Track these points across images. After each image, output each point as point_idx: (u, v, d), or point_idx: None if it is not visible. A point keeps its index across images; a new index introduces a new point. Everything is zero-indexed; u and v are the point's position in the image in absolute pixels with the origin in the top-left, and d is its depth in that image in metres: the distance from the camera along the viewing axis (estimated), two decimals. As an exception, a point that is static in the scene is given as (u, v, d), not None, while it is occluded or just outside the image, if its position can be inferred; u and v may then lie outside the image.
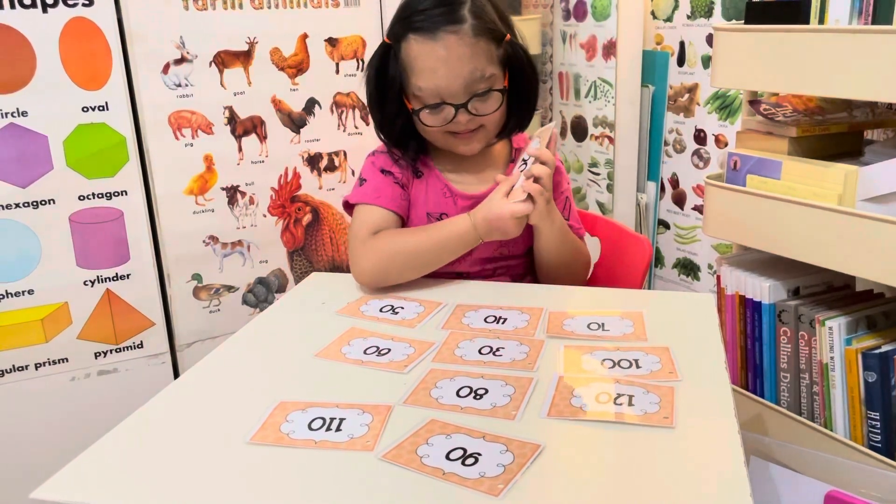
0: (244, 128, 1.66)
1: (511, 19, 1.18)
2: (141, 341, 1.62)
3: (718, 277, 1.45)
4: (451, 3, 1.09)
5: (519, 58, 1.15)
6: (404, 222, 1.22)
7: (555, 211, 1.15)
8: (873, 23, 1.12)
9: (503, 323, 0.99)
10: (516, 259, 1.24)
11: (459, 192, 1.21)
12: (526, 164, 1.11)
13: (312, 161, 1.76)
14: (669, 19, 2.04)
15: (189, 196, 1.62)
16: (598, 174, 2.27)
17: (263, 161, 1.70)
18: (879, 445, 1.21)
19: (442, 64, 1.09)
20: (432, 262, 1.14)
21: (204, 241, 1.66)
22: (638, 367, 0.85)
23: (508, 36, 1.14)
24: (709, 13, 1.93)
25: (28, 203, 1.46)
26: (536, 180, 1.08)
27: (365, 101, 1.75)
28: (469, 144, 1.17)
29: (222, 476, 0.68)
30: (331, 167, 1.79)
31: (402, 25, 1.12)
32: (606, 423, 0.74)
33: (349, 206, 1.24)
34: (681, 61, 2.03)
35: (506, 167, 1.24)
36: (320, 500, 0.65)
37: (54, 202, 1.49)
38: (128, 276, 1.58)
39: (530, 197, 1.08)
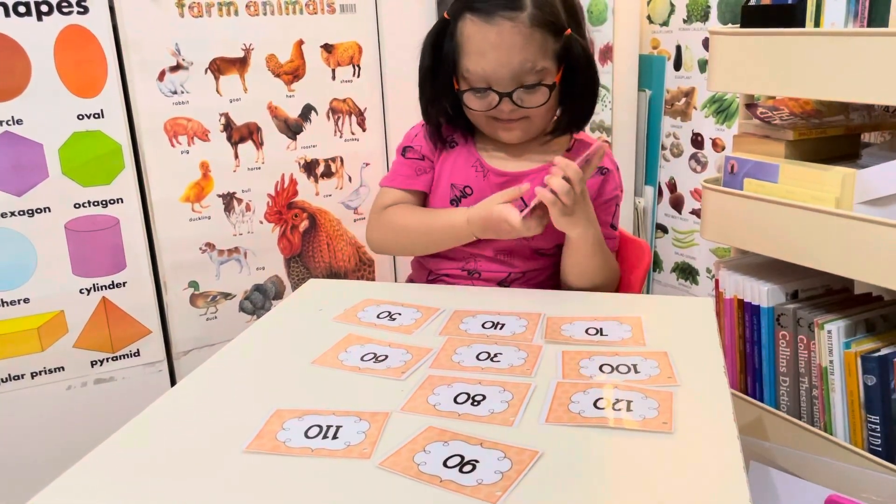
0: (240, 134, 1.66)
1: (581, 15, 1.15)
2: (137, 349, 1.62)
3: (717, 281, 1.45)
4: None
5: (577, 55, 1.12)
6: (425, 198, 1.24)
7: (587, 222, 1.09)
8: (869, 25, 1.12)
9: (501, 329, 0.99)
10: (540, 259, 1.21)
11: (492, 167, 1.19)
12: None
13: (309, 167, 1.76)
14: (666, 23, 2.04)
15: (185, 203, 1.62)
16: (595, 179, 2.27)
17: (260, 168, 1.69)
18: (879, 449, 1.20)
19: (492, 49, 1.07)
20: (429, 246, 1.20)
21: (200, 249, 1.65)
22: (636, 372, 0.85)
23: (569, 30, 1.11)
24: (705, 17, 1.93)
25: (23, 211, 1.46)
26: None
27: (363, 105, 1.77)
28: (510, 132, 1.15)
29: (219, 485, 0.68)
30: (327, 173, 1.78)
31: (463, 2, 1.10)
32: (605, 428, 0.74)
33: None
34: (677, 65, 2.04)
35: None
36: (317, 509, 0.64)
37: (50, 210, 1.48)
38: (124, 283, 1.57)
39: (540, 213, 1.05)
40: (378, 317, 1.04)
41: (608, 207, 1.22)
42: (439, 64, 1.14)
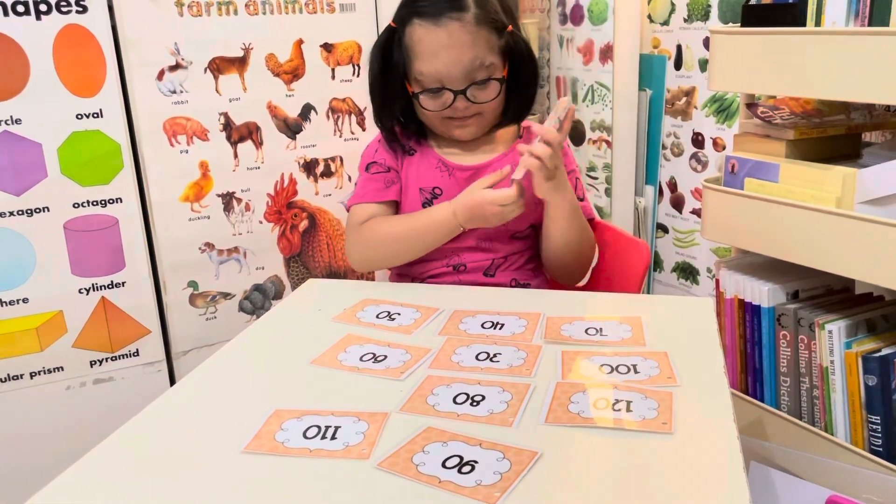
0: (240, 134, 1.66)
1: (515, 12, 1.21)
2: (137, 349, 1.61)
3: (717, 281, 1.44)
4: None
5: (520, 49, 1.19)
6: (397, 207, 1.25)
7: (565, 187, 1.16)
8: (870, 24, 1.12)
9: (500, 329, 0.98)
10: (519, 243, 1.25)
11: (455, 164, 1.23)
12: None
13: (308, 167, 1.75)
14: (666, 23, 2.04)
15: (185, 203, 1.62)
16: (596, 178, 2.27)
17: (259, 167, 1.69)
18: (880, 449, 1.20)
19: (443, 49, 1.12)
20: (416, 249, 1.20)
21: (200, 248, 1.65)
22: (636, 372, 0.85)
23: (510, 27, 1.17)
24: (705, 16, 1.93)
25: (22, 211, 1.46)
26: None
27: (362, 104, 1.77)
28: (465, 129, 1.21)
29: (217, 485, 0.67)
30: (327, 173, 1.78)
31: (408, 10, 1.15)
32: (605, 429, 0.74)
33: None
34: (678, 65, 2.03)
35: (509, 147, 1.26)
36: (315, 510, 0.64)
37: (48, 210, 1.48)
38: (123, 283, 1.57)
39: (522, 191, 1.10)
40: (377, 317, 1.04)
41: (571, 178, 1.26)
42: (389, 71, 1.19)
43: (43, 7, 1.41)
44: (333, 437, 0.73)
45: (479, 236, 1.22)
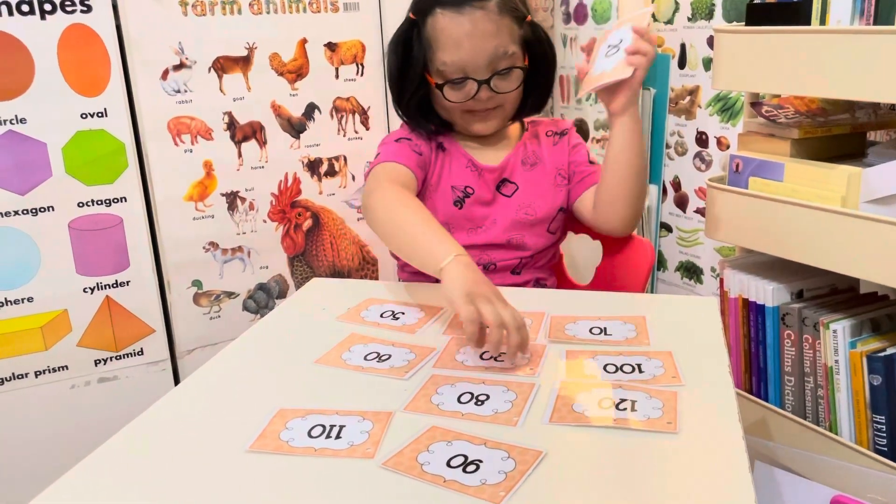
0: (244, 133, 1.66)
1: (529, 3, 1.21)
2: (141, 348, 1.62)
3: (721, 280, 1.44)
4: None
5: (539, 39, 1.20)
6: (419, 186, 1.20)
7: (636, 106, 1.16)
8: (875, 23, 1.11)
9: (504, 328, 0.98)
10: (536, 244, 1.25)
11: (483, 164, 1.24)
12: (616, 47, 1.12)
13: (312, 166, 1.76)
14: (670, 21, 2.04)
15: (189, 202, 1.62)
16: (599, 177, 2.26)
17: (263, 166, 1.69)
18: (885, 449, 1.19)
19: (467, 38, 1.12)
20: (404, 256, 1.10)
21: (204, 248, 1.65)
22: (641, 371, 0.85)
23: (529, 16, 1.18)
24: (709, 15, 1.92)
25: (27, 210, 1.46)
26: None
27: (366, 104, 1.77)
28: (486, 122, 1.21)
29: (221, 484, 0.67)
30: (331, 172, 1.78)
31: (428, 0, 1.15)
32: (609, 429, 0.73)
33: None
34: (682, 63, 2.03)
35: (517, 142, 1.28)
36: (320, 509, 0.64)
37: (53, 209, 1.48)
38: (127, 282, 1.58)
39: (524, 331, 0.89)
40: (381, 316, 1.04)
41: (580, 150, 1.30)
42: (409, 64, 1.18)
43: (47, 6, 1.41)
44: (338, 437, 0.73)
45: (512, 231, 1.23)
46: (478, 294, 0.88)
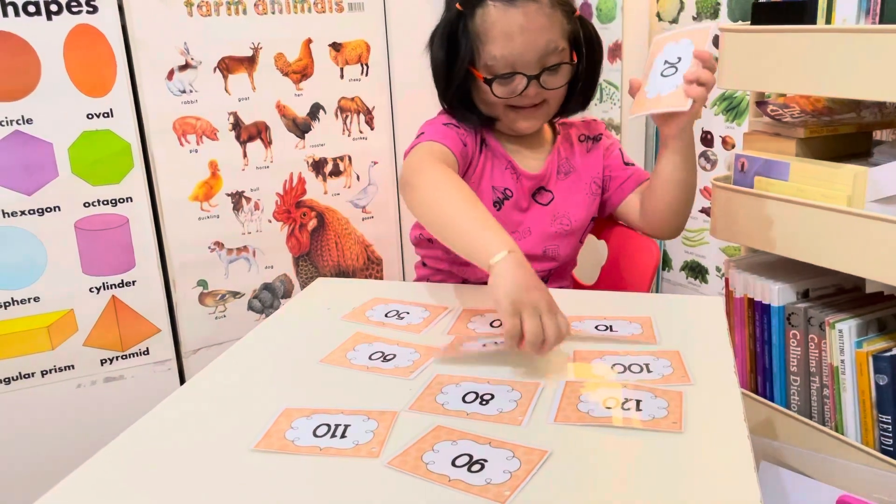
0: (249, 133, 1.66)
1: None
2: (147, 348, 1.62)
3: (727, 280, 1.44)
4: None
5: (589, 34, 1.16)
6: (460, 163, 1.15)
7: (692, 135, 1.13)
8: (881, 22, 1.11)
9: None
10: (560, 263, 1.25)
11: (523, 170, 1.21)
12: (674, 66, 1.07)
13: (317, 166, 1.76)
14: (675, 21, 2.03)
15: (194, 202, 1.62)
16: (604, 177, 2.26)
17: (268, 167, 1.70)
18: (891, 449, 1.19)
19: (519, 32, 1.08)
20: (447, 242, 1.01)
21: (209, 248, 1.66)
22: (649, 371, 0.84)
23: (578, 11, 1.15)
24: (715, 14, 1.92)
25: (33, 210, 1.47)
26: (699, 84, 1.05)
27: (371, 104, 1.77)
28: (529, 120, 1.17)
29: (227, 483, 0.68)
30: (336, 172, 1.78)
31: None
32: (614, 428, 0.73)
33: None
34: (687, 63, 2.02)
35: (552, 147, 1.25)
36: (325, 508, 0.64)
37: (59, 209, 1.49)
38: (133, 282, 1.58)
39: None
40: (386, 316, 1.04)
41: (613, 152, 1.28)
42: (454, 57, 1.13)
43: (54, 7, 1.41)
44: (343, 436, 0.73)
45: (548, 241, 1.21)
46: (525, 303, 0.83)
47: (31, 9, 1.40)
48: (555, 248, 1.22)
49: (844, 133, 1.34)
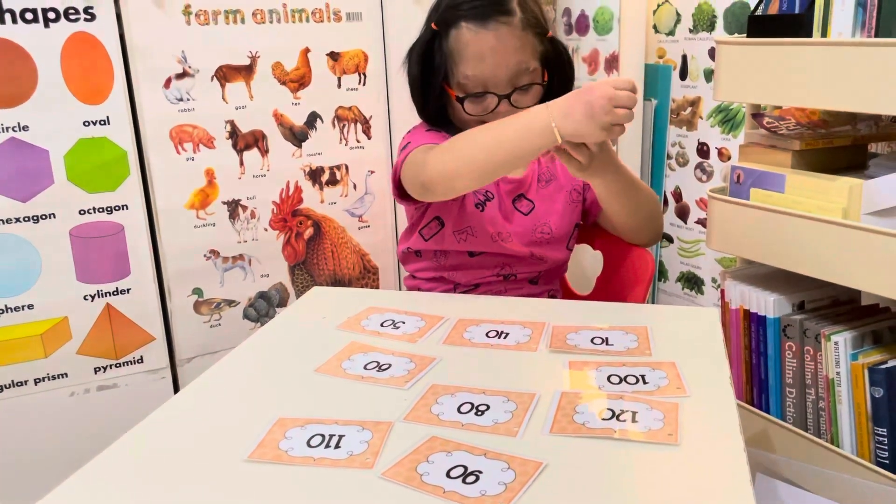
0: (246, 142, 1.66)
1: (549, 19, 1.20)
2: (141, 356, 1.61)
3: (722, 291, 1.44)
4: None
5: (559, 55, 1.20)
6: None
7: (609, 164, 1.10)
8: (876, 36, 1.11)
9: (505, 338, 0.98)
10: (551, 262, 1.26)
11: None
12: None
13: (314, 175, 1.76)
14: (671, 33, 2.04)
15: (190, 210, 1.62)
16: (600, 188, 2.27)
17: (265, 175, 1.69)
18: (887, 462, 1.19)
19: (491, 53, 1.12)
20: (500, 156, 1.03)
21: (205, 256, 1.65)
22: (645, 382, 0.84)
23: (550, 32, 1.18)
24: (711, 27, 1.93)
25: (28, 217, 1.46)
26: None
27: (368, 113, 1.77)
28: None
29: (220, 493, 0.67)
30: (332, 181, 1.78)
31: (453, 12, 1.14)
32: (610, 440, 0.73)
33: (398, 189, 1.20)
34: (683, 75, 2.03)
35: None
36: (319, 519, 0.64)
37: (55, 216, 1.48)
38: (128, 290, 1.57)
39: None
40: (382, 325, 1.04)
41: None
42: (429, 74, 1.18)
43: (51, 15, 1.42)
44: (337, 446, 0.73)
45: (533, 247, 1.23)
46: (598, 107, 0.92)
47: (29, 16, 1.40)
48: (540, 251, 1.25)
49: (840, 146, 1.34)
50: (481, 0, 1.12)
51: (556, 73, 1.19)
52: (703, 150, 2.02)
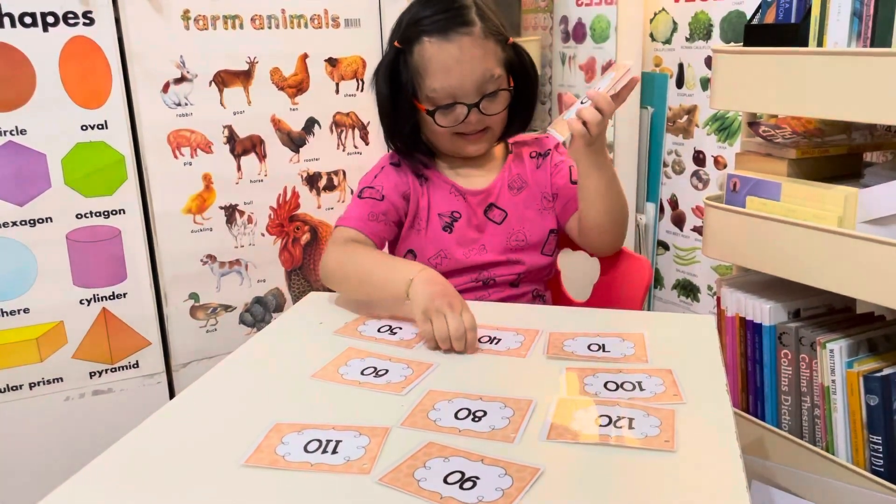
0: (243, 147, 1.66)
1: (506, 25, 1.23)
2: (136, 361, 1.61)
3: (718, 299, 1.44)
4: (458, 6, 1.15)
5: (522, 60, 1.22)
6: (381, 241, 1.23)
7: (603, 158, 1.15)
8: (872, 45, 1.12)
9: (497, 343, 0.98)
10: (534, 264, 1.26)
11: (466, 188, 1.25)
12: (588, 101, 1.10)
13: (311, 180, 1.76)
14: (668, 41, 2.05)
15: (187, 215, 1.62)
16: (597, 195, 2.27)
17: (262, 180, 1.70)
18: (882, 469, 1.19)
19: (456, 64, 1.14)
20: (367, 295, 1.14)
21: (201, 261, 1.65)
22: (641, 389, 0.84)
23: (511, 39, 1.20)
24: (707, 35, 1.94)
25: (25, 221, 1.46)
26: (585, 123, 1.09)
27: (366, 119, 1.78)
28: (477, 145, 1.23)
29: (216, 499, 0.67)
30: (330, 186, 1.79)
31: (414, 29, 1.16)
32: (607, 446, 0.73)
33: None
34: (679, 83, 2.04)
35: (503, 164, 1.28)
36: (315, 525, 0.64)
37: (51, 220, 1.48)
38: (124, 295, 1.57)
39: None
40: (379, 331, 1.04)
41: (562, 169, 1.28)
42: (397, 92, 1.19)
43: (50, 19, 1.42)
44: (334, 452, 0.73)
45: (508, 253, 1.24)
46: (432, 309, 0.97)
47: (28, 20, 1.40)
48: (516, 256, 1.25)
49: (835, 154, 1.35)
50: (441, 14, 1.14)
51: (520, 77, 1.22)
52: (699, 158, 2.03)
